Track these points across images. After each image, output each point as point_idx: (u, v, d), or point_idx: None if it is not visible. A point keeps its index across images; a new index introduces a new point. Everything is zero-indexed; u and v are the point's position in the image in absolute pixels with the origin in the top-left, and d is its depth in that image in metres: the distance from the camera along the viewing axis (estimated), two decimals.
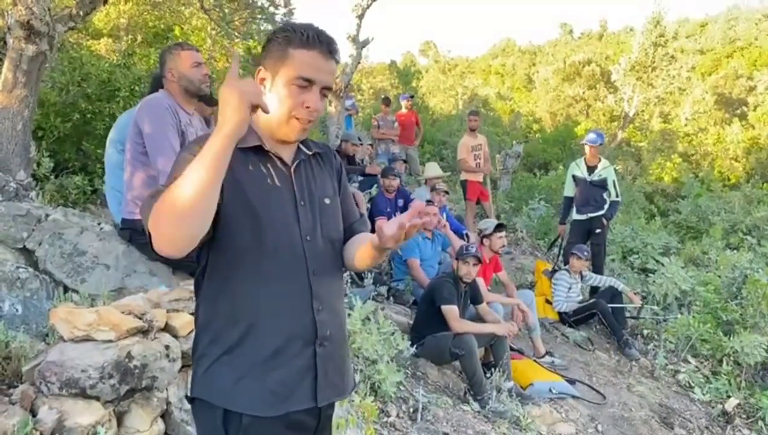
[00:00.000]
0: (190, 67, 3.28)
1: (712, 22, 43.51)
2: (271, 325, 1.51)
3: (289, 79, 1.49)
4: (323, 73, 1.51)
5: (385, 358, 3.90)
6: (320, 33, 1.51)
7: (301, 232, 1.56)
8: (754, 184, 15.37)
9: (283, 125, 1.52)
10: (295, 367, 1.53)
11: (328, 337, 1.58)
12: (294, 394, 1.53)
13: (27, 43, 4.25)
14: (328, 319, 1.59)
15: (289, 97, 1.49)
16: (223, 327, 1.51)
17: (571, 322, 6.59)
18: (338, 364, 1.65)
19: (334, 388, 1.63)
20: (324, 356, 1.57)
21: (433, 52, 38.28)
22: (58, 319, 2.34)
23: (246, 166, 1.51)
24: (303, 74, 1.48)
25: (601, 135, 7.50)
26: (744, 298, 6.75)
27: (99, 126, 5.84)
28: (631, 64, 19.72)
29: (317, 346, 1.56)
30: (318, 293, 1.57)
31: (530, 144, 18.09)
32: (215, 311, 1.52)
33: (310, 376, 1.55)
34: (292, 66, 1.49)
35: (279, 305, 1.52)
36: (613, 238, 9.38)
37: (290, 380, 1.52)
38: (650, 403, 5.32)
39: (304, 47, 1.49)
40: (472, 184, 8.88)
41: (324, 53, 1.51)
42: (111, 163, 3.80)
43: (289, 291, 1.53)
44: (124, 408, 2.27)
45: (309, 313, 1.55)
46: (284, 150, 1.59)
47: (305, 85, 1.49)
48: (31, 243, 3.36)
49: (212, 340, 1.52)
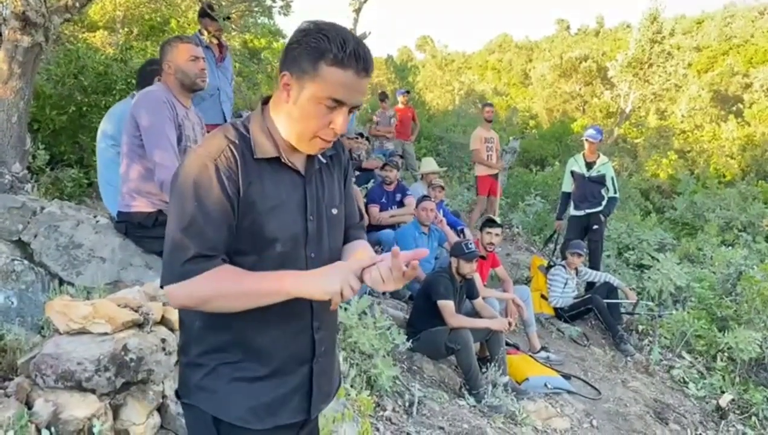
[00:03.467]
0: (187, 61, 3.26)
1: (709, 19, 43.57)
2: (269, 345, 1.48)
3: (318, 97, 1.36)
4: (356, 94, 1.37)
5: (381, 352, 3.90)
6: (357, 49, 1.34)
7: (306, 251, 1.49)
8: (750, 181, 15.42)
9: (303, 142, 1.43)
10: (290, 384, 1.52)
11: (323, 353, 1.57)
12: (286, 408, 1.52)
13: (22, 34, 4.23)
14: (326, 335, 1.57)
15: (316, 116, 1.38)
16: (219, 342, 1.47)
17: (567, 317, 6.61)
18: (330, 374, 1.64)
19: (325, 396, 1.63)
20: (319, 372, 1.56)
21: (430, 47, 38.24)
22: (53, 312, 2.33)
23: (261, 181, 1.42)
24: (335, 96, 1.35)
25: (600, 131, 7.50)
26: (738, 294, 6.78)
27: (95, 119, 5.81)
28: (628, 61, 19.72)
29: (314, 364, 1.54)
30: (318, 312, 1.52)
31: (526, 140, 18.11)
32: (211, 325, 1.47)
33: (303, 391, 1.54)
34: (324, 84, 1.34)
35: (279, 326, 1.48)
36: (609, 235, 9.40)
37: (284, 396, 1.51)
38: (645, 399, 5.34)
39: (339, 66, 1.33)
40: (484, 178, 8.76)
41: (358, 72, 1.35)
42: (105, 157, 3.79)
43: (290, 311, 1.46)
44: (119, 401, 2.26)
45: (308, 332, 1.52)
46: (298, 157, 1.49)
47: (334, 106, 1.37)
48: (26, 235, 3.34)
49: (206, 352, 1.48)
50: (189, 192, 1.34)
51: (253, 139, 1.43)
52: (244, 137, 1.43)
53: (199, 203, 1.34)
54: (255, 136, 1.44)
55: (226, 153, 1.38)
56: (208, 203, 1.34)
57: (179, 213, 1.35)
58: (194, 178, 1.35)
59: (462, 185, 12.32)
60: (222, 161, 1.36)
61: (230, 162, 1.37)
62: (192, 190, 1.34)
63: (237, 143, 1.40)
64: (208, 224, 1.34)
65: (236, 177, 1.37)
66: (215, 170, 1.35)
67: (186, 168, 1.37)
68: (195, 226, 1.34)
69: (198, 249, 1.33)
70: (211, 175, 1.34)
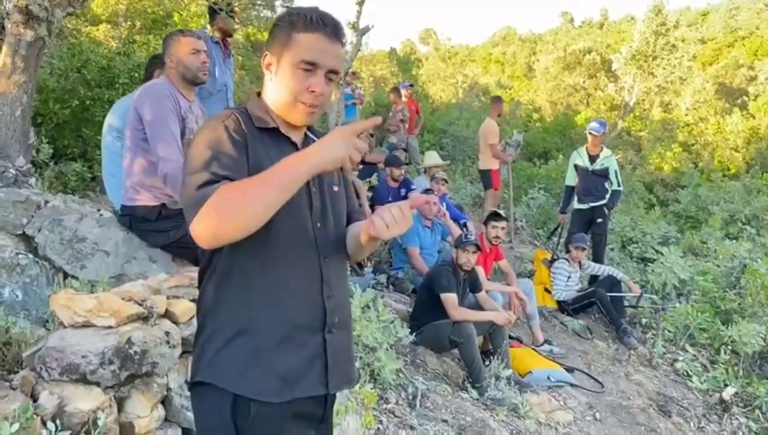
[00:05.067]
0: (188, 54, 3.27)
1: (714, 11, 43.36)
2: (280, 311, 1.49)
3: (293, 62, 1.48)
4: (328, 56, 1.49)
5: (384, 345, 3.91)
6: (324, 15, 1.50)
7: (312, 218, 1.56)
8: (754, 174, 15.34)
9: (289, 109, 1.52)
10: (304, 353, 1.52)
11: (337, 323, 1.58)
12: (303, 380, 1.51)
13: (25, 28, 4.22)
14: (337, 305, 1.59)
15: (294, 81, 1.49)
16: (232, 312, 1.49)
17: (570, 310, 6.60)
18: (346, 352, 1.65)
19: (344, 376, 1.62)
20: (333, 343, 1.56)
21: (434, 40, 38.17)
22: (58, 305, 2.34)
23: (264, 148, 1.50)
24: (307, 57, 1.47)
25: (603, 124, 7.48)
26: (742, 287, 6.77)
27: (98, 112, 5.81)
28: (632, 53, 19.61)
29: (326, 333, 1.55)
30: (328, 279, 1.56)
31: (530, 133, 18.02)
32: (224, 296, 1.50)
33: (319, 363, 1.54)
34: (296, 50, 1.47)
35: (289, 291, 1.51)
36: (613, 228, 9.38)
37: (299, 367, 1.50)
38: (648, 392, 5.35)
39: (308, 30, 1.47)
40: (496, 172, 8.75)
41: (328, 36, 1.49)
42: (109, 150, 3.79)
43: (300, 276, 1.52)
44: (124, 394, 2.27)
45: (319, 299, 1.55)
46: (295, 134, 1.59)
47: (309, 68, 1.47)
48: (30, 229, 3.35)
49: (220, 325, 1.50)
50: (202, 145, 1.43)
51: (252, 114, 1.55)
52: (245, 112, 1.56)
53: (213, 150, 1.42)
54: (253, 111, 1.56)
55: (233, 117, 1.50)
56: (224, 149, 1.42)
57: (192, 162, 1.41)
58: (206, 136, 1.45)
59: (465, 178, 12.28)
60: (230, 123, 1.48)
61: (237, 124, 1.49)
62: (205, 143, 1.43)
63: (240, 114, 1.53)
64: (223, 157, 1.40)
65: (243, 137, 1.47)
66: (224, 128, 1.46)
67: (197, 135, 1.48)
68: (209, 161, 1.39)
69: (212, 174, 1.37)
70: (222, 131, 1.45)
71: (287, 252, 1.50)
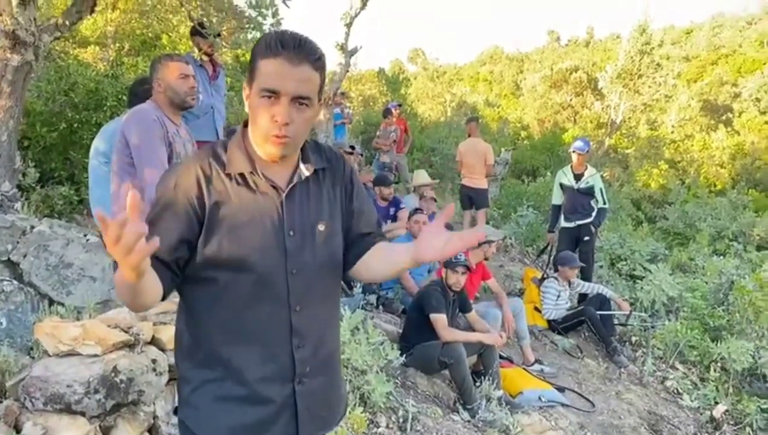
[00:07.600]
0: (176, 79, 3.26)
1: (697, 29, 44.05)
2: (247, 363, 1.46)
3: (257, 93, 1.38)
4: (289, 81, 1.36)
5: (374, 368, 3.89)
6: (284, 37, 1.37)
7: (287, 266, 1.46)
8: (740, 190, 15.50)
9: (263, 143, 1.42)
10: (272, 404, 1.49)
11: (309, 372, 1.52)
12: (270, 431, 1.49)
13: (12, 53, 4.23)
14: (311, 355, 1.52)
15: (259, 112, 1.39)
16: (203, 358, 1.48)
17: (560, 329, 6.60)
18: (324, 397, 1.59)
19: (320, 421, 1.58)
20: (304, 393, 1.52)
21: (422, 59, 38.44)
22: (42, 334, 2.32)
23: (231, 197, 1.43)
24: (265, 85, 1.36)
25: (587, 142, 7.55)
26: (731, 304, 6.79)
27: (86, 135, 5.80)
28: (618, 72, 19.89)
29: (296, 384, 1.50)
30: (299, 330, 1.49)
31: (518, 151, 18.16)
32: (195, 341, 1.49)
33: (288, 412, 1.51)
34: (258, 78, 1.38)
35: (255, 344, 1.47)
36: (601, 245, 9.43)
37: (267, 418, 1.49)
38: (639, 410, 5.34)
39: (267, 56, 1.36)
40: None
41: (290, 59, 1.35)
42: (95, 174, 3.77)
43: (266, 329, 1.46)
44: (110, 423, 2.25)
45: (287, 350, 1.48)
46: (279, 171, 1.48)
47: (270, 96, 1.37)
48: (15, 255, 3.33)
49: (191, 368, 1.50)
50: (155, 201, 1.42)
51: (228, 157, 1.46)
52: (219, 157, 1.46)
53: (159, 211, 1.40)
54: (231, 153, 1.46)
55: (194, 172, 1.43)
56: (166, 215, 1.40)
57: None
58: (161, 191, 1.43)
59: (454, 197, 12.32)
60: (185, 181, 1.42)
61: (194, 181, 1.42)
62: (156, 199, 1.42)
63: (208, 163, 1.45)
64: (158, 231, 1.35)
65: (201, 195, 1.41)
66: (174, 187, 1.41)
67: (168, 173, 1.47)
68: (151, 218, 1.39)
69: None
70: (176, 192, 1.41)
71: (252, 304, 1.44)
